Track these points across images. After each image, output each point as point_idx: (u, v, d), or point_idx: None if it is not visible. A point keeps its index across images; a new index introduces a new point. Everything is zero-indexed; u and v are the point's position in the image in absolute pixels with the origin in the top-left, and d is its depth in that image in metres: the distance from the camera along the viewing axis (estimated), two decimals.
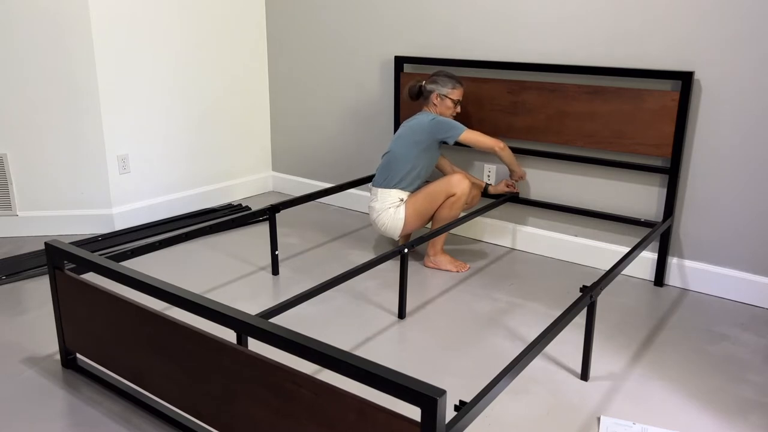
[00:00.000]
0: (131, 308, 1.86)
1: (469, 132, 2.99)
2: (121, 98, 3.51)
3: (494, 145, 2.98)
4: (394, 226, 3.05)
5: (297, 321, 2.56)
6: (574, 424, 1.94)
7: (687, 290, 2.93)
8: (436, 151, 3.07)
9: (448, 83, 3.06)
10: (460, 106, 3.15)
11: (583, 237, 3.20)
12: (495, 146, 2.98)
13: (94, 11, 3.30)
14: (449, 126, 2.99)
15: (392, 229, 3.07)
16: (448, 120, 3.02)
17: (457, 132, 2.98)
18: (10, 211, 3.44)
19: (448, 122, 3.00)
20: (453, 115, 3.13)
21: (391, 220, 3.05)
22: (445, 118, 3.02)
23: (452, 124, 3.00)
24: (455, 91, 3.07)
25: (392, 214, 3.05)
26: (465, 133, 2.98)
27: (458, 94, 3.09)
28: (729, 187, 2.76)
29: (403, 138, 3.05)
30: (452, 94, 3.07)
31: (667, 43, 2.78)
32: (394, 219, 3.04)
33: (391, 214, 3.05)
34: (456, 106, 3.12)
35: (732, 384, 2.17)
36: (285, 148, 4.39)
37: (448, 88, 3.06)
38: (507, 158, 3.05)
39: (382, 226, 3.08)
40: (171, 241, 2.54)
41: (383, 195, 3.06)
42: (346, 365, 1.39)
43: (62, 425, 1.90)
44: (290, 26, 4.12)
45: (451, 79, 3.07)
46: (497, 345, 2.41)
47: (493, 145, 2.98)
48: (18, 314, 2.59)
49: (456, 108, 3.12)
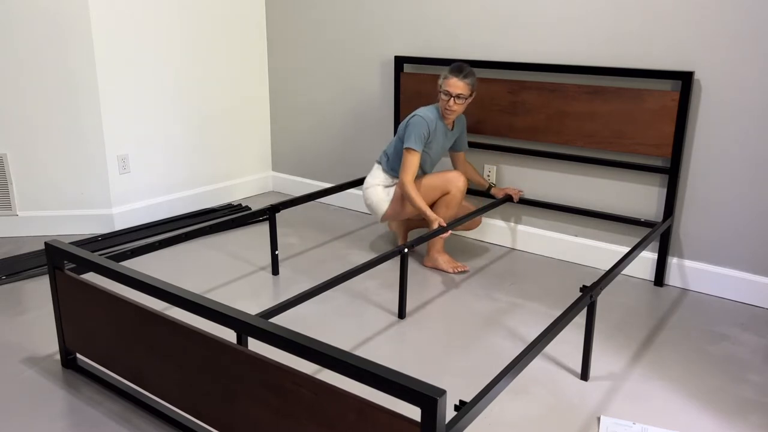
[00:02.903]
0: (131, 308, 1.86)
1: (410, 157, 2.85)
2: (121, 98, 3.51)
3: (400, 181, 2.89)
4: (378, 205, 3.05)
5: (297, 321, 2.56)
6: (574, 424, 1.94)
7: (687, 290, 2.93)
8: (433, 150, 3.01)
9: (443, 73, 2.87)
10: (456, 102, 2.84)
11: (583, 237, 3.20)
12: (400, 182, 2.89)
13: (94, 11, 3.30)
14: (408, 136, 2.88)
15: (376, 206, 3.06)
16: (417, 131, 2.86)
17: (407, 145, 2.86)
18: (10, 211, 3.44)
19: (414, 133, 2.86)
20: (447, 109, 2.87)
21: (377, 199, 3.04)
22: (417, 126, 2.86)
23: (411, 136, 2.86)
24: (446, 81, 2.84)
25: (379, 192, 3.03)
26: (407, 153, 2.86)
27: (450, 85, 2.83)
28: (729, 187, 2.76)
29: (400, 128, 3.02)
30: (443, 84, 2.86)
31: (667, 43, 2.78)
32: (379, 198, 3.03)
33: (377, 193, 3.04)
34: (449, 100, 2.84)
35: (732, 384, 2.17)
36: (285, 148, 4.39)
37: (441, 78, 2.88)
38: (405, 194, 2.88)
39: (367, 200, 3.09)
40: (171, 241, 2.54)
41: (377, 171, 3.08)
42: (346, 365, 1.39)
43: (62, 425, 1.89)
44: (290, 26, 4.12)
45: (449, 68, 2.86)
46: (497, 345, 2.41)
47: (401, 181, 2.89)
48: (18, 314, 2.59)
49: (449, 102, 2.85)
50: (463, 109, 2.92)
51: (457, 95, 2.84)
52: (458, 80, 2.83)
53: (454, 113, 2.91)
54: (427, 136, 2.91)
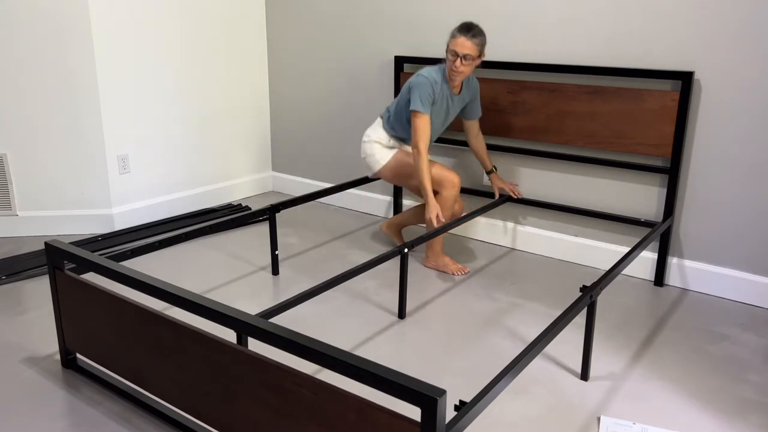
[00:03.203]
0: (131, 308, 1.86)
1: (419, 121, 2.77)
2: (121, 98, 3.51)
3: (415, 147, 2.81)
4: (372, 164, 3.07)
5: (297, 321, 2.56)
6: (574, 424, 1.94)
7: (687, 290, 2.93)
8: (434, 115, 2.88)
9: (452, 32, 2.76)
10: (463, 62, 2.73)
11: (583, 237, 3.20)
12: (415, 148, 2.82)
13: (94, 11, 3.30)
14: (414, 97, 2.79)
15: (370, 163, 3.08)
16: (423, 92, 2.77)
17: (413, 108, 2.77)
18: (10, 211, 3.44)
19: (419, 94, 2.77)
20: (453, 70, 2.77)
21: (372, 159, 3.06)
22: (421, 87, 2.77)
23: (417, 98, 2.77)
24: (453, 40, 2.73)
25: (375, 151, 3.03)
26: (415, 118, 2.78)
27: (458, 44, 2.71)
28: (729, 187, 2.76)
29: (403, 89, 2.95)
30: (450, 44, 2.75)
31: (667, 43, 2.78)
32: (374, 160, 3.05)
33: (374, 151, 3.04)
34: (456, 60, 2.74)
35: (732, 384, 2.17)
36: (285, 148, 4.39)
37: (449, 37, 2.77)
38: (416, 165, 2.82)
39: (363, 153, 3.10)
40: (171, 241, 2.54)
41: (378, 127, 3.07)
42: (346, 365, 1.39)
43: (62, 425, 1.89)
44: (290, 26, 4.12)
45: (458, 26, 2.75)
46: (497, 345, 2.41)
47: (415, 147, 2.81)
48: (18, 314, 2.59)
49: (456, 62, 2.74)
50: (470, 71, 2.80)
51: (464, 55, 2.72)
52: (466, 39, 2.71)
53: (461, 75, 2.80)
54: (431, 97, 2.80)
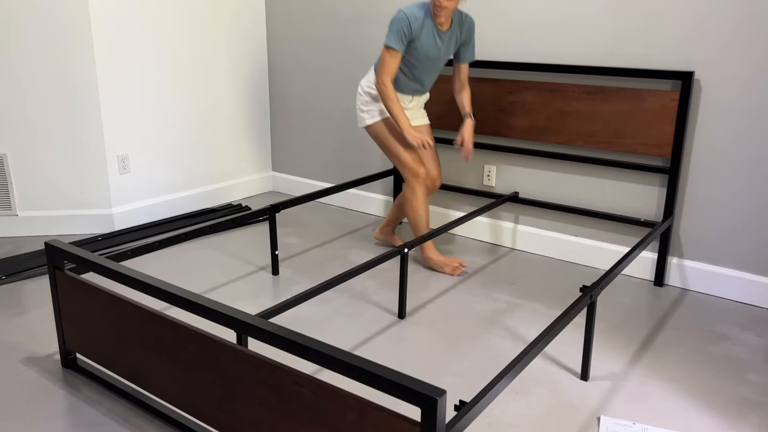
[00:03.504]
0: (131, 308, 1.86)
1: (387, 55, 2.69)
2: (121, 98, 3.51)
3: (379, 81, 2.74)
4: (360, 116, 3.02)
5: (297, 321, 2.56)
6: (574, 424, 1.94)
7: (687, 290, 2.93)
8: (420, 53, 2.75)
9: None
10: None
11: (583, 237, 3.20)
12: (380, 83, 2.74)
13: (94, 11, 3.30)
14: (388, 32, 2.70)
15: (358, 115, 3.04)
16: (396, 27, 2.66)
17: (385, 43, 2.70)
18: (10, 211, 3.44)
19: (393, 28, 2.67)
20: (437, 5, 2.62)
21: (360, 107, 3.01)
22: (396, 22, 2.66)
23: (390, 32, 2.68)
24: None
25: (363, 108, 2.98)
26: (384, 51, 2.71)
27: None
28: (729, 186, 2.76)
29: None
30: None
31: (667, 43, 2.78)
32: (362, 109, 2.99)
33: (364, 103, 2.98)
34: None
35: (732, 384, 2.17)
36: (285, 148, 4.39)
37: None
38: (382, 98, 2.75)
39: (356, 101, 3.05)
40: (171, 241, 2.54)
41: (371, 74, 2.97)
42: (346, 365, 1.39)
43: (62, 425, 1.90)
44: (290, 25, 4.12)
45: None
46: (497, 345, 2.41)
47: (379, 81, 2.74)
48: (18, 314, 2.59)
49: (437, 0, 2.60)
50: (454, 5, 2.63)
51: None
52: None
53: (445, 9, 2.63)
54: (408, 34, 2.67)
